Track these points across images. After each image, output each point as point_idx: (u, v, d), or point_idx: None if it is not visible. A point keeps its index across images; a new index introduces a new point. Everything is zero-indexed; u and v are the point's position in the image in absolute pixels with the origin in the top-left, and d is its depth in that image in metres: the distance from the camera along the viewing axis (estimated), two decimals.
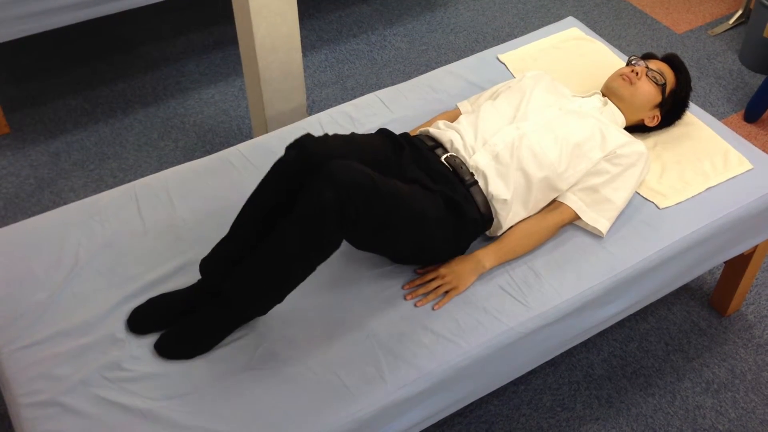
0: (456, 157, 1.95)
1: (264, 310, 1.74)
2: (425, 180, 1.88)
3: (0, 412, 2.19)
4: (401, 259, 1.90)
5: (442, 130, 2.03)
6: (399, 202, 1.72)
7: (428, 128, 2.07)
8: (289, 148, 1.78)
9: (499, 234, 1.97)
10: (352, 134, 1.89)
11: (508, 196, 1.91)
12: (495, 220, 1.94)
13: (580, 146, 1.99)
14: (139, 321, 1.77)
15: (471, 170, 1.92)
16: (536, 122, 2.01)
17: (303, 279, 1.71)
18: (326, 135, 1.82)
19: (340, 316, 1.80)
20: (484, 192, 1.91)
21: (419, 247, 1.84)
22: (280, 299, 1.73)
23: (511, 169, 1.93)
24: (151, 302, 1.79)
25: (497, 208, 1.92)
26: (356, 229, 1.67)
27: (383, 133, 1.99)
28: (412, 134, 2.10)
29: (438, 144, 2.01)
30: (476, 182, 1.92)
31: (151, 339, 1.75)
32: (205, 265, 1.80)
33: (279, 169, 1.76)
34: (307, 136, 1.78)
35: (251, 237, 1.75)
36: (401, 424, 1.75)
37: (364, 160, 1.76)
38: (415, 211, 1.76)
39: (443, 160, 1.95)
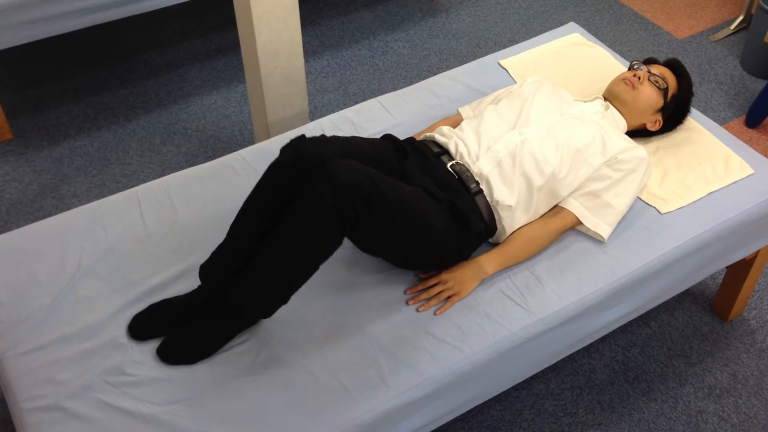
0: (461, 164, 1.95)
1: (268, 312, 1.74)
2: (431, 187, 1.89)
3: (3, 417, 2.19)
4: (404, 264, 1.90)
5: (446, 137, 2.04)
6: (401, 204, 1.71)
7: (433, 134, 2.08)
8: (284, 150, 1.78)
9: (501, 240, 1.97)
10: (353, 137, 1.89)
11: (513, 203, 1.92)
12: (499, 226, 1.94)
13: (581, 152, 2.00)
14: (140, 327, 1.77)
15: (476, 178, 1.93)
16: (538, 127, 2.02)
17: (307, 279, 1.71)
18: (323, 135, 1.81)
19: (342, 320, 1.80)
20: (489, 199, 1.92)
21: (422, 253, 1.85)
22: (284, 301, 1.73)
23: (515, 174, 1.93)
24: (151, 308, 1.80)
25: (502, 214, 1.92)
26: (357, 229, 1.67)
27: (387, 137, 1.99)
28: (416, 139, 2.10)
29: (443, 150, 2.01)
30: (481, 191, 1.92)
31: (154, 343, 1.75)
32: (205, 270, 1.80)
33: (275, 171, 1.75)
34: (302, 137, 1.78)
35: (250, 241, 1.75)
36: (403, 429, 1.75)
37: (363, 161, 1.76)
38: (418, 214, 1.76)
39: (449, 168, 1.95)
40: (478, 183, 1.93)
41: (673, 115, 2.22)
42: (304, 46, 3.54)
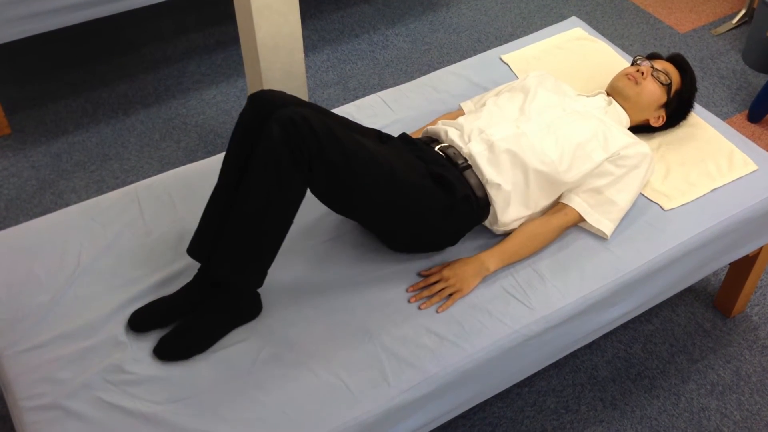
0: (451, 146, 1.95)
1: (252, 279, 1.72)
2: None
3: (2, 414, 2.18)
4: (386, 232, 1.88)
5: (437, 126, 2.04)
6: (358, 147, 1.70)
7: (427, 128, 2.07)
8: (247, 101, 1.79)
9: (498, 229, 1.96)
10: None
11: (502, 182, 1.90)
12: (492, 209, 1.92)
13: (582, 146, 1.98)
14: (139, 320, 1.75)
15: (464, 156, 1.92)
16: (538, 123, 2.00)
17: (280, 235, 1.70)
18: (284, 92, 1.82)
19: (343, 318, 1.79)
20: (479, 176, 1.91)
21: (398, 211, 1.80)
22: (264, 264, 1.71)
23: (506, 160, 1.92)
24: (151, 304, 1.78)
25: (492, 194, 1.91)
26: (313, 169, 1.66)
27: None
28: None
29: (434, 140, 2.01)
30: (469, 166, 1.91)
31: (154, 341, 1.74)
32: (193, 246, 1.80)
33: (237, 123, 1.77)
34: (263, 89, 1.78)
35: (226, 201, 1.75)
36: (405, 428, 1.74)
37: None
38: (382, 164, 1.73)
39: (437, 150, 1.95)
40: (466, 160, 1.92)
41: (676, 111, 2.21)
42: (303, 41, 3.52)
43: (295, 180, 1.65)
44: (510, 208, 1.92)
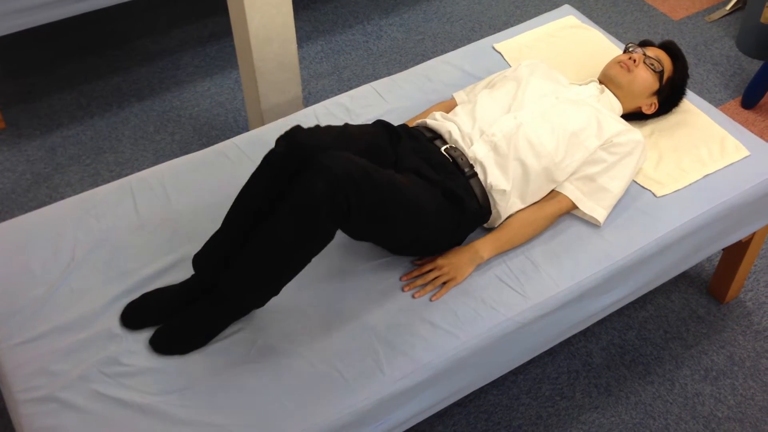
0: (455, 148, 1.95)
1: (260, 302, 1.73)
2: (424, 169, 1.88)
3: None
4: (398, 249, 1.90)
5: (439, 122, 2.03)
6: (394, 193, 1.71)
7: (425, 119, 2.07)
8: (279, 141, 1.78)
9: (496, 225, 1.97)
10: (346, 125, 1.87)
11: (508, 187, 1.91)
12: (494, 211, 1.94)
13: (577, 135, 1.99)
14: (133, 316, 1.76)
15: (470, 161, 1.92)
16: (533, 111, 2.01)
17: (299, 270, 1.71)
18: (317, 126, 1.80)
19: (338, 308, 1.80)
20: (483, 183, 1.91)
21: (416, 239, 1.84)
22: (276, 291, 1.72)
23: (509, 159, 1.93)
24: (144, 297, 1.79)
25: (496, 198, 1.92)
26: (349, 220, 1.66)
27: (379, 124, 1.98)
28: (409, 125, 2.09)
29: (437, 135, 2.00)
30: (475, 174, 1.91)
31: (149, 333, 1.74)
32: (198, 260, 1.80)
33: (270, 161, 1.75)
34: (297, 128, 1.77)
35: (244, 230, 1.75)
36: (400, 416, 1.75)
37: (358, 151, 1.75)
38: (411, 201, 1.75)
39: (443, 151, 1.94)
40: (472, 167, 1.92)
41: (668, 98, 2.21)
42: (297, 32, 3.52)
43: (329, 229, 1.66)
44: (508, 206, 1.94)
